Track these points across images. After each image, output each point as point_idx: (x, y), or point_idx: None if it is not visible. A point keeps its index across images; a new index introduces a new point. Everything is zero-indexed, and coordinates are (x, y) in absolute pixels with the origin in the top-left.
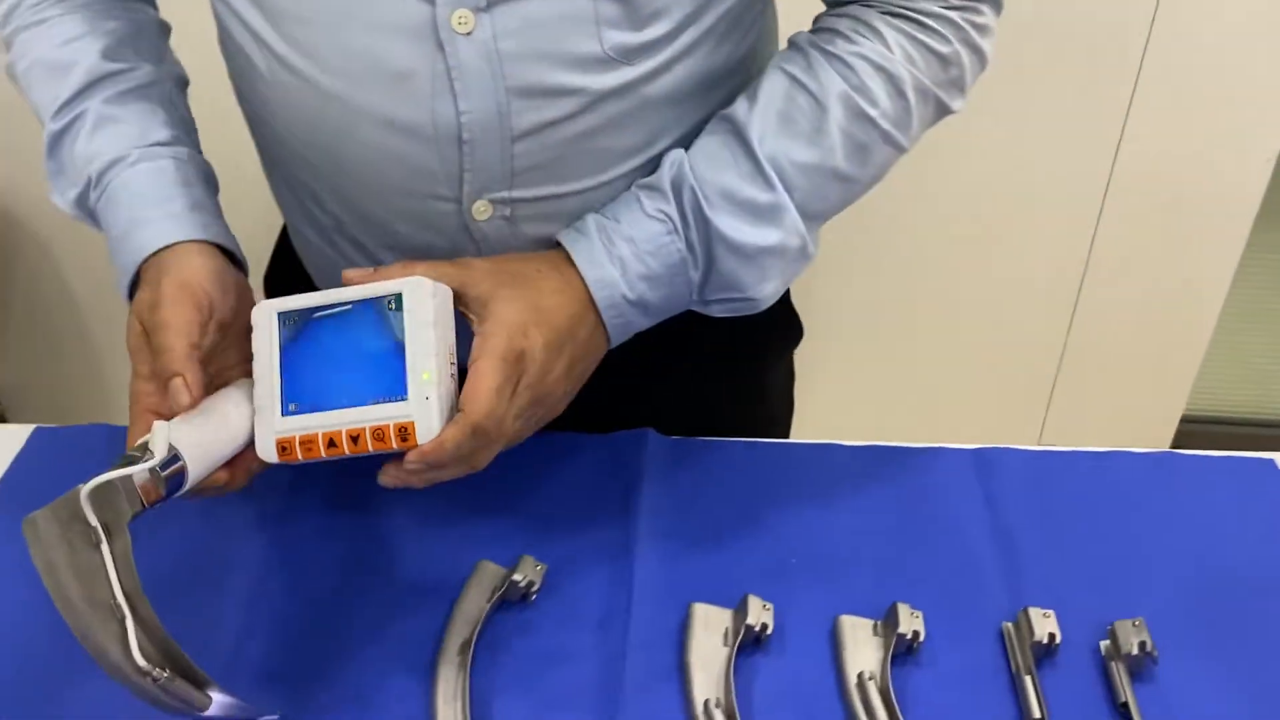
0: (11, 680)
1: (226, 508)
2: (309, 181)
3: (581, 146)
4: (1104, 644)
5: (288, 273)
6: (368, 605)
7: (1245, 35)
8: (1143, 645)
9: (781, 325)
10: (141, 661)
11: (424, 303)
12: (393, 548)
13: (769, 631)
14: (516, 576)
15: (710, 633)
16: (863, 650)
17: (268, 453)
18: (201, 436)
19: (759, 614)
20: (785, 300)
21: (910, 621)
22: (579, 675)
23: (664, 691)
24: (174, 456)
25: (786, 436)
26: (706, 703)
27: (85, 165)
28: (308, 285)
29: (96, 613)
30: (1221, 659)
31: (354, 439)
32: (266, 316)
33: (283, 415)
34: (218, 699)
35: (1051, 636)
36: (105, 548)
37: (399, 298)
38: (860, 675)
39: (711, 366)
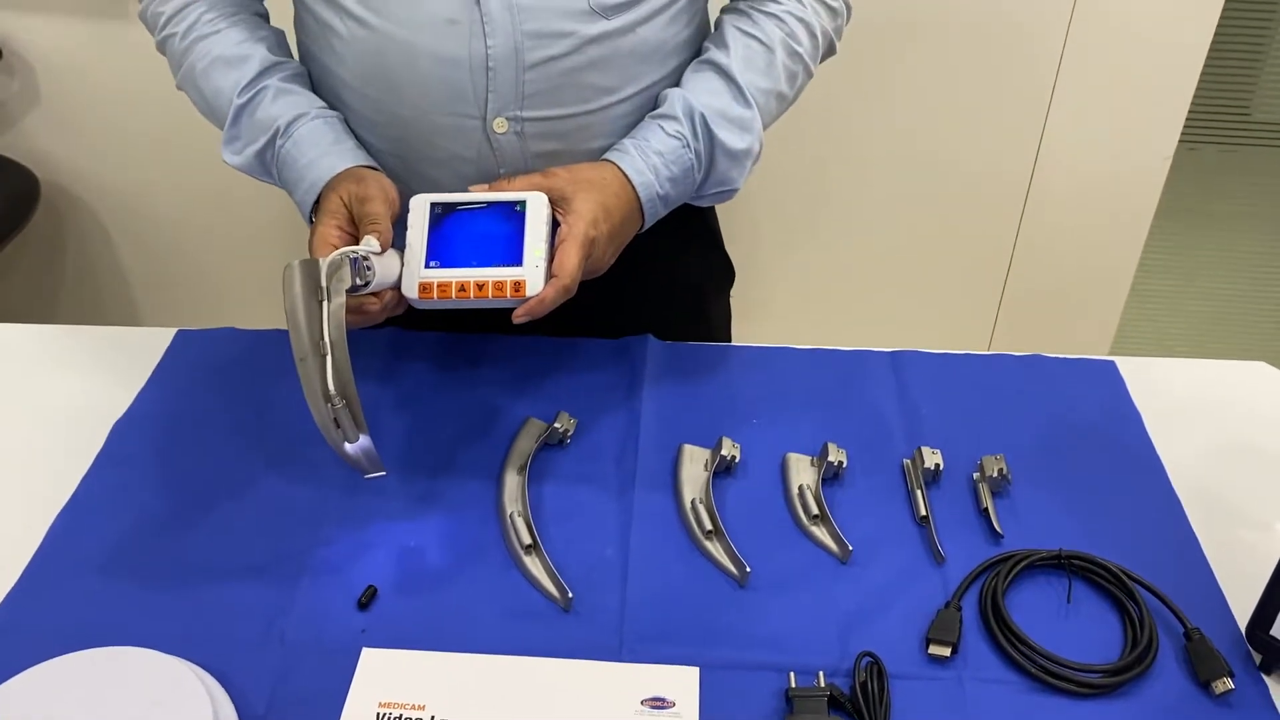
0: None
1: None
2: (369, 114)
3: (572, 80)
4: (974, 474)
5: None
6: (444, 447)
7: (1145, 58)
8: (1001, 471)
9: (718, 269)
10: (331, 388)
11: (540, 209)
12: (464, 411)
13: (737, 461)
14: (557, 425)
15: (695, 463)
16: (803, 474)
17: (411, 290)
18: (378, 264)
19: (730, 449)
20: (720, 248)
21: (836, 454)
22: (603, 489)
23: (662, 497)
24: (369, 259)
25: None
26: (693, 501)
27: (273, 122)
28: None
29: (311, 347)
30: (1057, 486)
31: (479, 287)
32: (422, 204)
33: (426, 268)
34: (363, 440)
35: (938, 466)
36: (326, 305)
37: (524, 204)
38: (800, 487)
39: (668, 297)
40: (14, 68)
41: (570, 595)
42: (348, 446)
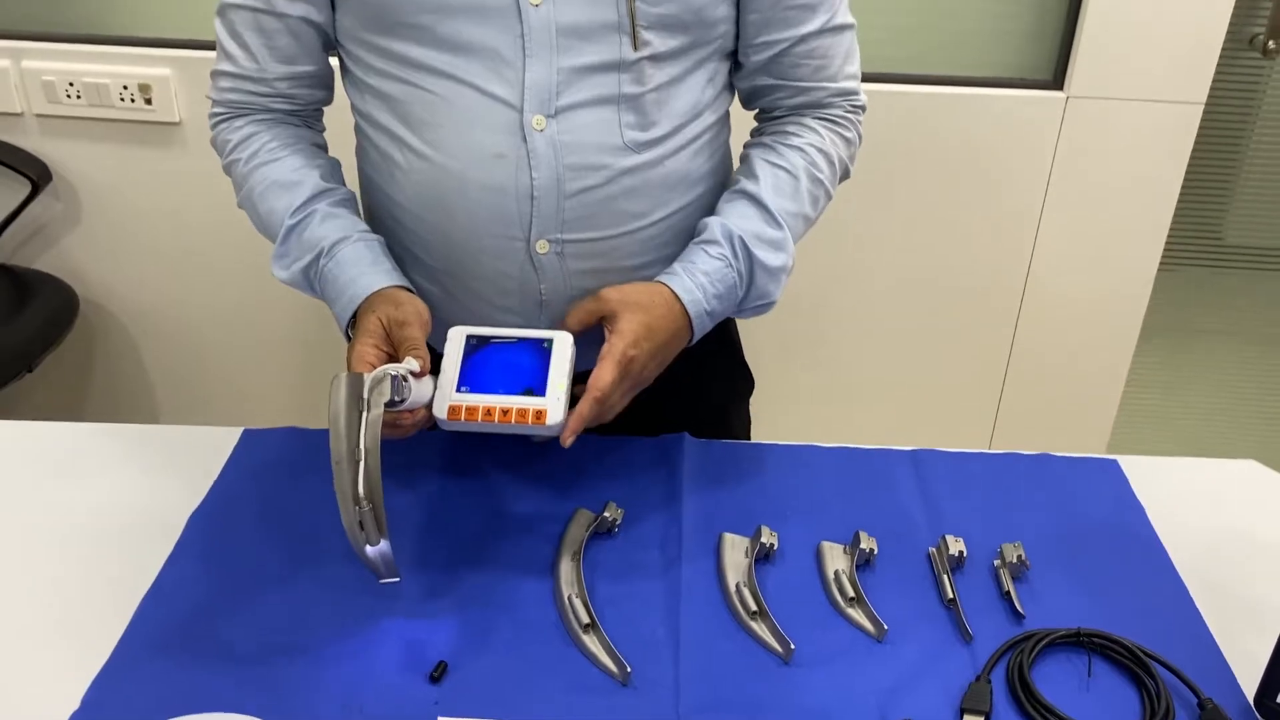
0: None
1: (403, 486)
2: (423, 235)
3: (608, 207)
4: (995, 561)
5: None
6: (503, 536)
7: (1126, 186)
8: (1020, 557)
9: (739, 379)
10: (361, 491)
11: (565, 348)
12: (518, 504)
13: (775, 549)
14: (606, 514)
15: (736, 550)
16: (837, 560)
17: (441, 411)
18: (414, 384)
19: (769, 537)
20: (741, 360)
21: (868, 542)
22: (651, 573)
23: (707, 581)
24: (407, 378)
25: None
26: (737, 585)
27: (318, 242)
28: None
29: (347, 452)
30: (1072, 571)
31: (504, 413)
32: (459, 335)
33: (456, 391)
34: (383, 544)
35: (961, 553)
36: (365, 415)
37: (551, 342)
38: (836, 572)
39: (692, 409)
40: (58, 190)
41: (629, 670)
42: (368, 549)
